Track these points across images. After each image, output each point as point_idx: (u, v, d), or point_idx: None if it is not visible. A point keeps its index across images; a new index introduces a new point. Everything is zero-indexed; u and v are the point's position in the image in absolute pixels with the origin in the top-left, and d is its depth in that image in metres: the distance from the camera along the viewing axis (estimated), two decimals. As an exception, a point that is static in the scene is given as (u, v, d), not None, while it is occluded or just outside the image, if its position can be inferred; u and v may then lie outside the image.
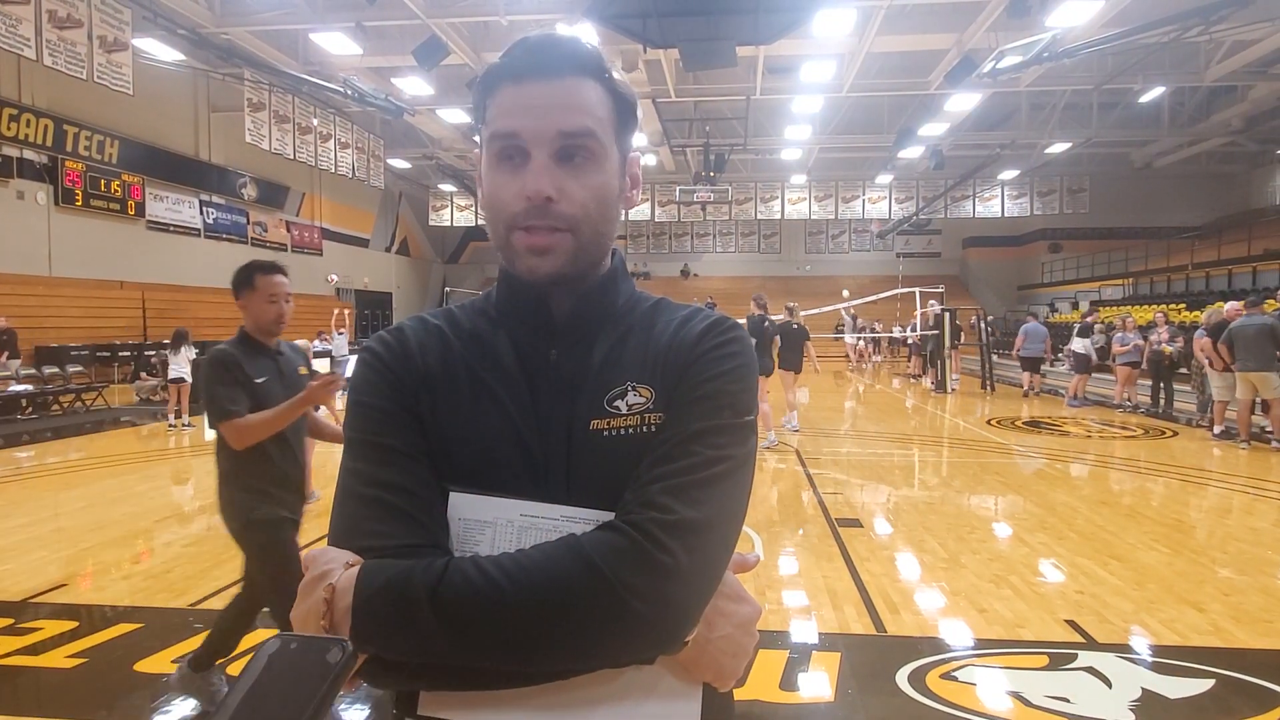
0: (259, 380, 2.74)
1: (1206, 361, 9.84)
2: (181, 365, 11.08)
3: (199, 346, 12.50)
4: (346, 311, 18.71)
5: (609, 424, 0.85)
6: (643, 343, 0.91)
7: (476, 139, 0.95)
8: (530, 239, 0.86)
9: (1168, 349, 12.10)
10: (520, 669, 0.76)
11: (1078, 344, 13.89)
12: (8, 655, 3.52)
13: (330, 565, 0.77)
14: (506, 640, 0.72)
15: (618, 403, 0.86)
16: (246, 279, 2.79)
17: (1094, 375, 14.43)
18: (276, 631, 0.67)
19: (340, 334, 17.89)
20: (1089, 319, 15.27)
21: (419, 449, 0.85)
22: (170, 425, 11.08)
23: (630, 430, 0.85)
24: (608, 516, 0.80)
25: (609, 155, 0.90)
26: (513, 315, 0.93)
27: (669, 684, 0.81)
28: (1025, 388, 15.73)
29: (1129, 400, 12.93)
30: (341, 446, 0.91)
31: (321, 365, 17.35)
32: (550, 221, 0.85)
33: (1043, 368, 16.20)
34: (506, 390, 0.88)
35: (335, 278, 25.58)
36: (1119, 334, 12.83)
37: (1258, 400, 9.23)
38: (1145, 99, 20.93)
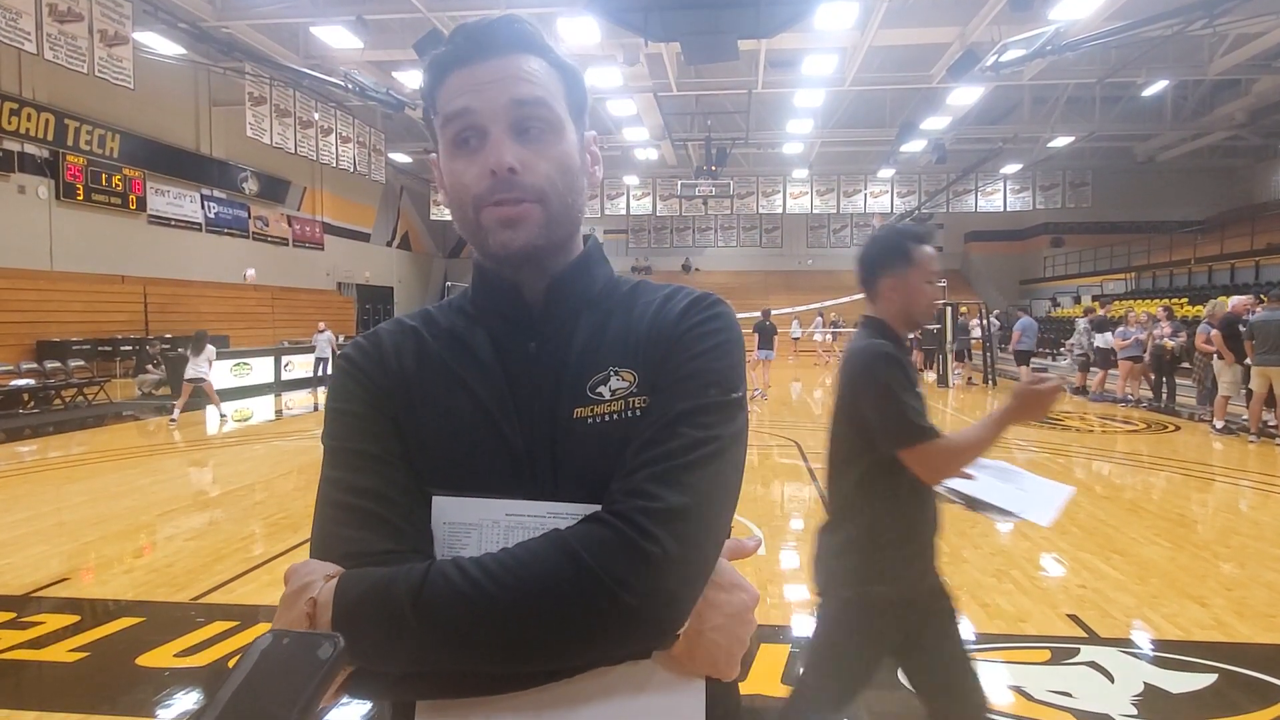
0: (920, 389, 2.00)
1: (1215, 356, 9.82)
2: (201, 365, 11.22)
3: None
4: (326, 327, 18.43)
5: (592, 411, 0.83)
6: (623, 325, 0.89)
7: (430, 136, 0.94)
8: (499, 211, 0.84)
9: (1169, 343, 12.08)
10: (510, 670, 0.73)
11: (1100, 339, 13.81)
12: (10, 649, 3.53)
13: (311, 577, 0.75)
14: (495, 641, 0.70)
15: (600, 389, 0.84)
16: (900, 252, 2.04)
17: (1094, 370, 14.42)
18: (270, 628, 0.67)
19: (321, 333, 17.65)
20: (1102, 313, 15.15)
21: (396, 454, 0.83)
22: (172, 420, 11.13)
23: (615, 416, 0.83)
24: (594, 509, 0.78)
25: (565, 126, 0.89)
26: (489, 309, 0.92)
27: (668, 679, 0.79)
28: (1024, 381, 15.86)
29: (1130, 395, 12.91)
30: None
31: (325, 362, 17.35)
32: (517, 194, 0.84)
33: (1032, 361, 16.25)
34: (484, 386, 0.86)
35: (251, 273, 23.53)
36: (1121, 328, 12.80)
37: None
38: (1148, 93, 20.84)
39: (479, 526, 0.80)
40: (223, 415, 11.68)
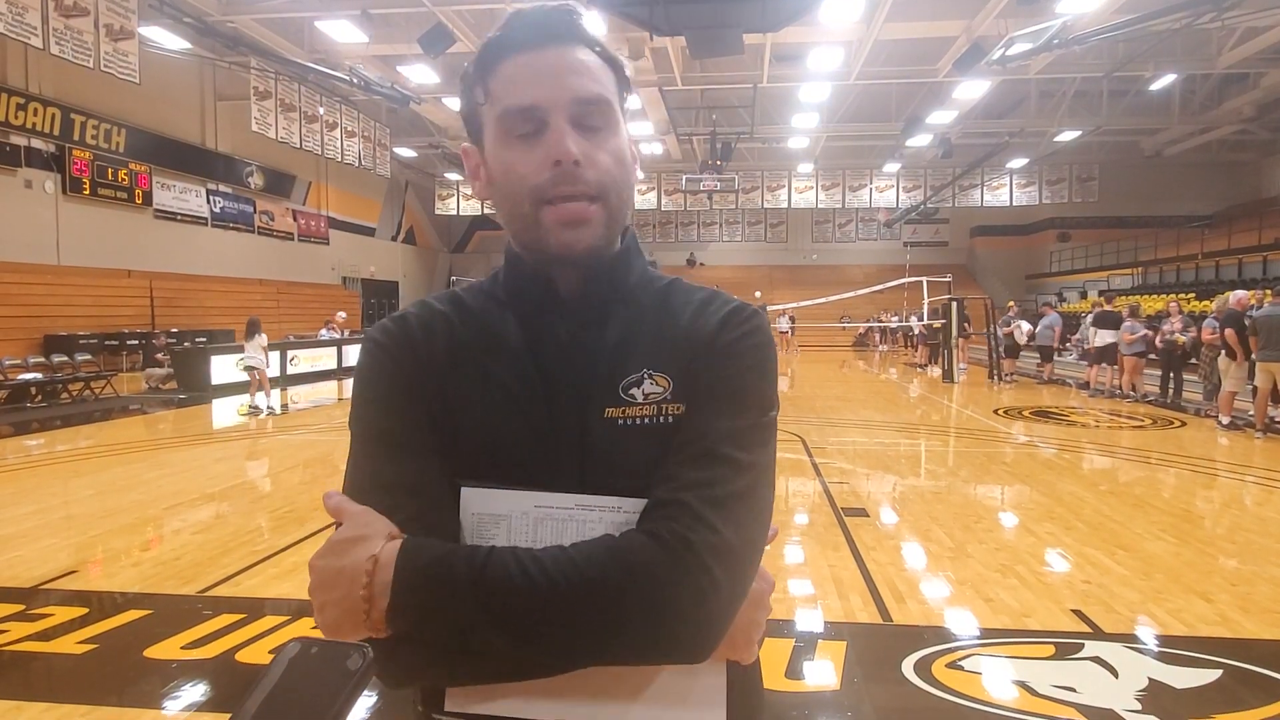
0: None
1: (1221, 352, 9.78)
2: (256, 352, 11.47)
3: (206, 336, 12.73)
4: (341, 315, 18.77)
5: (624, 413, 0.84)
6: (658, 326, 0.89)
7: (468, 122, 0.91)
8: (563, 210, 0.83)
9: (1181, 339, 12.00)
10: (550, 663, 0.75)
11: (1099, 335, 13.70)
12: (19, 641, 3.55)
13: (371, 531, 0.75)
14: (542, 634, 0.72)
15: (633, 391, 0.84)
16: None
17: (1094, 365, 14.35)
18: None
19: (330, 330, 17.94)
20: (1107, 308, 14.99)
21: (426, 444, 0.83)
22: (253, 408, 11.56)
23: (647, 420, 0.83)
24: (623, 502, 0.79)
25: (619, 121, 0.88)
26: (520, 296, 0.91)
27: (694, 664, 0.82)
28: (1044, 376, 15.83)
29: (1135, 391, 12.85)
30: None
31: (330, 355, 17.41)
32: (580, 188, 0.83)
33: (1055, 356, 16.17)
34: (514, 376, 0.86)
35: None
36: (1129, 323, 12.72)
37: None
38: (1156, 86, 20.75)
39: (507, 517, 0.81)
40: (270, 408, 11.80)
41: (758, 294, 13.34)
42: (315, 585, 0.75)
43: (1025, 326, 16.44)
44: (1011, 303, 19.73)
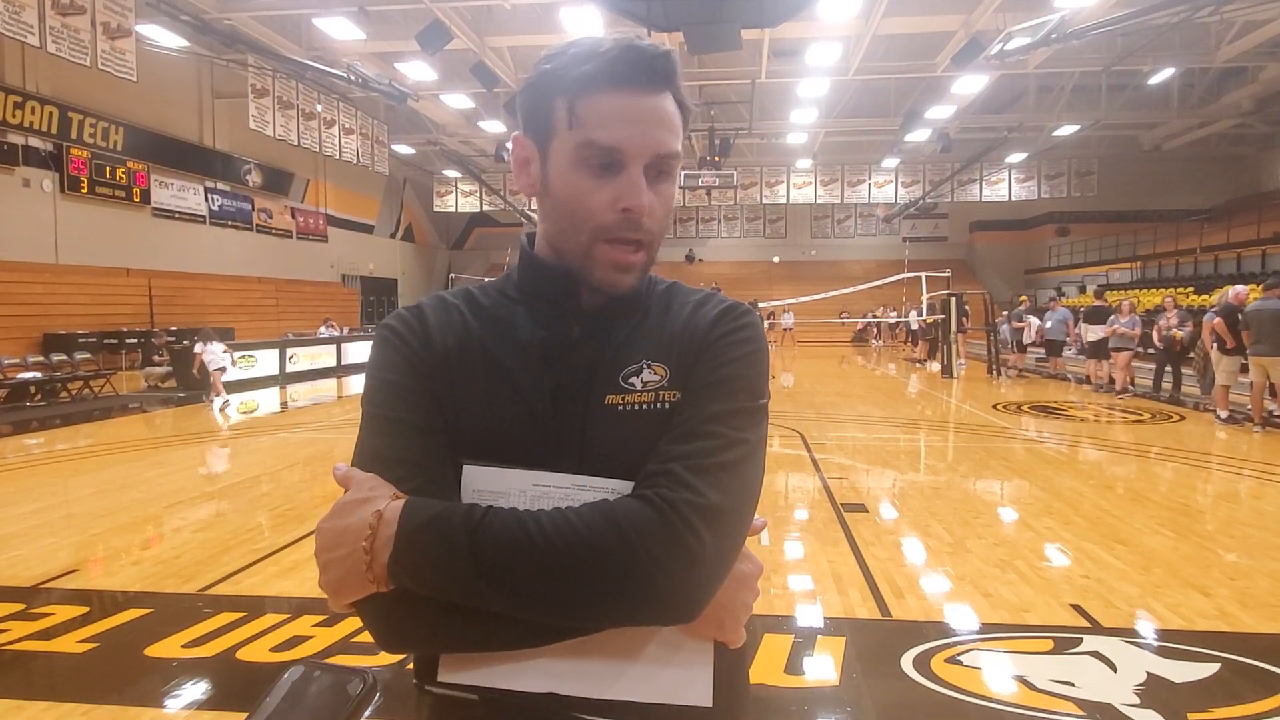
0: None
1: (1214, 344, 9.78)
2: (221, 354, 12.34)
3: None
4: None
5: (624, 399, 0.88)
6: (658, 324, 0.94)
7: (530, 116, 0.92)
8: (617, 255, 0.89)
9: (1179, 334, 12.01)
10: (539, 619, 0.78)
11: (1093, 331, 13.69)
12: (19, 640, 3.55)
13: (376, 493, 0.80)
14: (535, 590, 0.76)
15: (632, 379, 0.89)
16: None
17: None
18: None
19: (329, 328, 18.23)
20: (1099, 303, 15.02)
21: (435, 425, 0.88)
22: (224, 401, 12.25)
23: (645, 406, 0.88)
24: (617, 484, 0.83)
25: (677, 169, 0.93)
26: (537, 296, 0.95)
27: (681, 642, 0.85)
28: (1050, 370, 15.79)
29: (1131, 386, 12.84)
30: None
31: (329, 353, 17.41)
32: (638, 235, 0.89)
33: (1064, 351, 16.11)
34: (523, 369, 0.90)
35: None
36: (1112, 317, 12.70)
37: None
38: (1155, 81, 20.71)
39: (507, 495, 0.84)
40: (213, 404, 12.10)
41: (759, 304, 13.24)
42: (321, 546, 0.80)
43: (1035, 323, 16.39)
44: (1024, 297, 19.68)
